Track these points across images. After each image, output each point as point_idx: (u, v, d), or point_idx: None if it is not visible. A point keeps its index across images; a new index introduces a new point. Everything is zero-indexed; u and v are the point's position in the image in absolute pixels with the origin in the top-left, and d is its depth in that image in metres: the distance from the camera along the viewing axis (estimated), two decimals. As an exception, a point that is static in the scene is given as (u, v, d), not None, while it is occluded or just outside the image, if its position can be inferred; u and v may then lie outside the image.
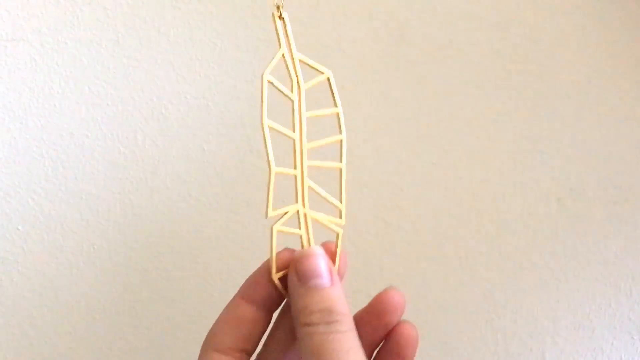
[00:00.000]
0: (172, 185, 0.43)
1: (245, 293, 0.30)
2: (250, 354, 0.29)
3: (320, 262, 0.28)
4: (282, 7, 0.29)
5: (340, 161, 0.30)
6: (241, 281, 0.30)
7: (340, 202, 0.30)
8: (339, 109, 0.30)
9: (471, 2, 0.45)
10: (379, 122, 0.45)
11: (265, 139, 0.28)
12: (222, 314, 0.30)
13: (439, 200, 0.44)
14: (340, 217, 0.30)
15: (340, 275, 0.30)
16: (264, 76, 0.28)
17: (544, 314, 0.44)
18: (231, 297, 0.30)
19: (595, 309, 0.44)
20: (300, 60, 0.29)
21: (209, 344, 0.29)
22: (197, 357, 0.29)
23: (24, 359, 0.42)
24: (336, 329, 0.27)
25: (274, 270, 0.29)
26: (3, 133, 0.43)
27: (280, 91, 0.29)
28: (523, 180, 0.45)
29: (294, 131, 0.29)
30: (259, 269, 0.30)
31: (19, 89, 0.43)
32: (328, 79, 0.30)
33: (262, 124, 0.28)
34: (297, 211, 0.29)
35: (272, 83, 0.28)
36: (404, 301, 0.30)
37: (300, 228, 0.29)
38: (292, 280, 0.28)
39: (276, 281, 0.29)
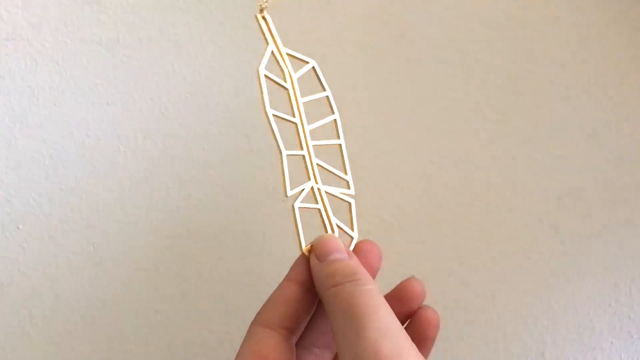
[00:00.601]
0: (172, 185, 0.43)
1: (291, 274, 0.31)
2: (294, 332, 0.31)
3: (335, 241, 0.30)
4: (266, 8, 0.31)
5: (338, 138, 0.33)
6: (241, 281, 0.31)
7: (346, 174, 0.33)
8: (328, 92, 0.33)
9: (471, 1, 0.45)
10: (379, 122, 0.45)
11: (271, 127, 0.31)
12: (272, 293, 0.31)
13: (438, 200, 0.44)
14: (349, 188, 0.33)
15: (375, 270, 0.32)
16: (259, 71, 0.31)
17: (544, 314, 0.44)
18: (231, 297, 0.31)
19: (595, 308, 0.44)
20: (287, 54, 0.32)
21: (257, 320, 0.30)
22: (246, 331, 0.30)
23: (24, 359, 0.42)
24: (363, 286, 0.28)
25: (302, 245, 0.31)
26: (3, 133, 0.43)
27: (276, 82, 0.31)
28: (523, 180, 0.45)
29: (294, 116, 0.32)
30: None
31: (19, 88, 0.43)
32: (314, 67, 0.33)
33: (265, 113, 0.31)
34: (312, 187, 0.32)
35: (267, 76, 0.31)
36: (425, 290, 0.32)
37: (317, 203, 0.32)
38: (314, 261, 0.30)
39: (306, 254, 0.31)
